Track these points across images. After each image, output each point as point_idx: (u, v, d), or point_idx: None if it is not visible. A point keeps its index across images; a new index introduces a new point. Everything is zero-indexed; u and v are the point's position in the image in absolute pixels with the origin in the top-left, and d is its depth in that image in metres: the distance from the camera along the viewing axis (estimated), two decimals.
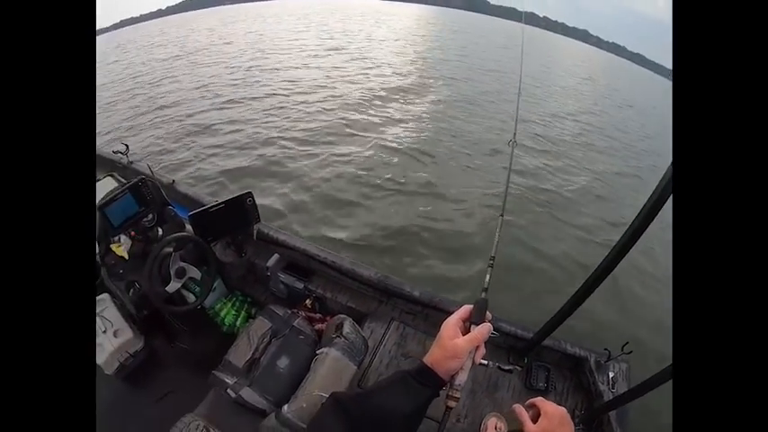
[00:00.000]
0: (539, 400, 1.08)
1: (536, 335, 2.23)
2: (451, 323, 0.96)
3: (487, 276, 1.15)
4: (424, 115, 10.38)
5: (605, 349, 2.32)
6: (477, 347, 0.94)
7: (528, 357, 2.39)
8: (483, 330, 0.94)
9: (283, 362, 2.02)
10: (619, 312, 4.77)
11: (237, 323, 2.57)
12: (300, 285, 2.57)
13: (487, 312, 1.00)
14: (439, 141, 8.64)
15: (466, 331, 0.96)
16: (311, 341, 2.15)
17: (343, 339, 1.91)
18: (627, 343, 2.17)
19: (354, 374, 1.90)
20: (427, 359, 0.92)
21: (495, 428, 2.16)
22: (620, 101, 21.63)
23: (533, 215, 6.39)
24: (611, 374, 2.29)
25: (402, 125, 9.31)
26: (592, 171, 8.99)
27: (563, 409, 1.05)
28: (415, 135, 8.80)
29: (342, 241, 4.99)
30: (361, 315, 2.50)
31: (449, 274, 4.72)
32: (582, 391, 2.38)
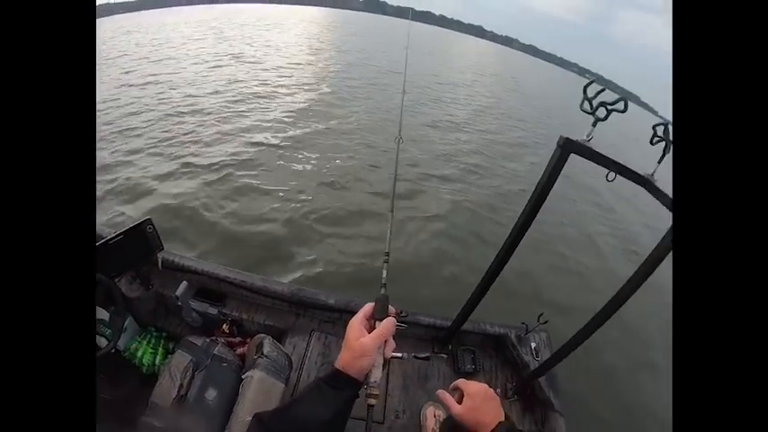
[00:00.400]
0: (461, 382, 1.14)
1: (454, 322, 2.33)
2: (356, 323, 0.96)
3: (384, 272, 1.15)
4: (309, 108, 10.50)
5: (522, 323, 2.49)
6: (386, 342, 0.95)
7: (451, 344, 2.50)
8: (387, 325, 0.94)
9: (211, 393, 1.95)
10: (531, 287, 5.16)
11: (157, 361, 2.42)
12: (214, 311, 2.48)
13: (390, 307, 1.00)
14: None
15: (371, 328, 0.96)
16: (235, 366, 2.10)
17: (265, 359, 1.89)
18: (542, 314, 2.34)
19: (284, 392, 1.87)
20: (338, 363, 0.91)
21: (434, 416, 2.19)
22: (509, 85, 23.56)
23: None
24: (533, 345, 2.45)
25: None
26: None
27: (484, 386, 1.11)
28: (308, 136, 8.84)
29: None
30: (281, 331, 2.46)
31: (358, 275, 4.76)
32: (509, 365, 2.52)
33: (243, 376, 1.88)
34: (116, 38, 20.98)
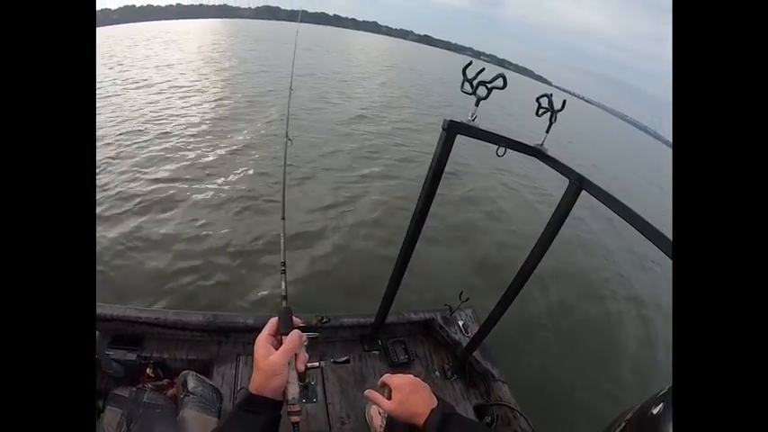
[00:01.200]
0: (386, 377, 1.13)
1: (377, 317, 2.32)
2: (261, 341, 0.94)
3: (283, 283, 1.13)
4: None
5: (445, 305, 2.54)
6: (297, 355, 0.95)
7: (380, 339, 2.48)
8: (293, 338, 0.93)
9: None
10: (446, 268, 5.29)
11: None
12: (133, 356, 2.34)
13: (295, 318, 0.99)
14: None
15: (279, 344, 0.94)
16: (169, 410, 2.02)
17: (191, 396, 1.85)
18: (462, 292, 2.42)
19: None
20: (251, 386, 0.90)
21: (380, 413, 2.18)
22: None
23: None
24: (460, 323, 2.50)
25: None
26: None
27: (409, 377, 1.10)
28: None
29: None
30: (207, 363, 2.36)
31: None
32: (442, 347, 2.55)
33: (177, 419, 1.82)
34: None
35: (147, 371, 2.31)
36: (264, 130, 9.85)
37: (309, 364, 0.98)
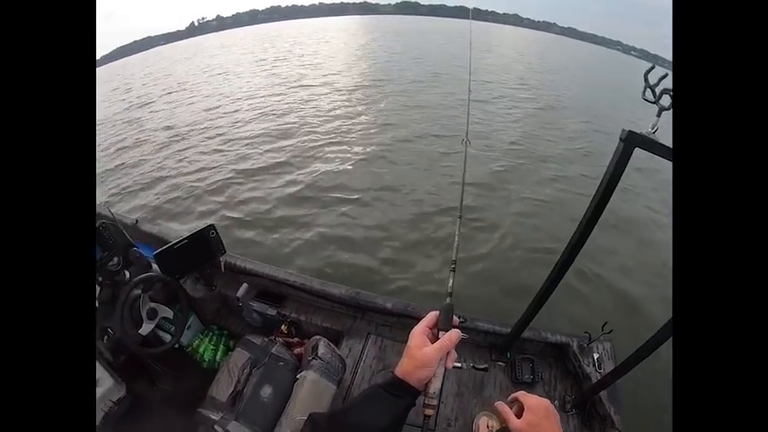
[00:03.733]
0: (521, 394, 1.07)
1: (514, 329, 2.24)
2: (418, 332, 0.95)
3: (450, 281, 1.13)
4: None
5: (585, 332, 2.35)
6: (448, 353, 0.93)
7: (510, 352, 2.40)
8: (452, 337, 0.93)
9: (266, 391, 2.01)
10: (593, 295, 4.86)
11: (217, 358, 2.54)
12: (274, 312, 2.56)
13: (454, 317, 0.99)
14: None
15: (434, 338, 0.95)
16: (291, 366, 2.14)
17: (319, 361, 1.93)
18: (606, 323, 2.22)
19: (336, 394, 1.91)
20: (398, 370, 0.91)
21: (488, 427, 2.14)
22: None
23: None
24: (595, 356, 2.31)
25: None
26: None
27: (546, 401, 1.03)
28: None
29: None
30: (338, 334, 2.49)
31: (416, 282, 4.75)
32: (569, 376, 2.39)
33: (297, 376, 1.94)
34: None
35: (282, 327, 2.52)
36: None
37: (454, 364, 0.97)
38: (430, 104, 12.36)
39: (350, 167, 7.57)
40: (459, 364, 1.03)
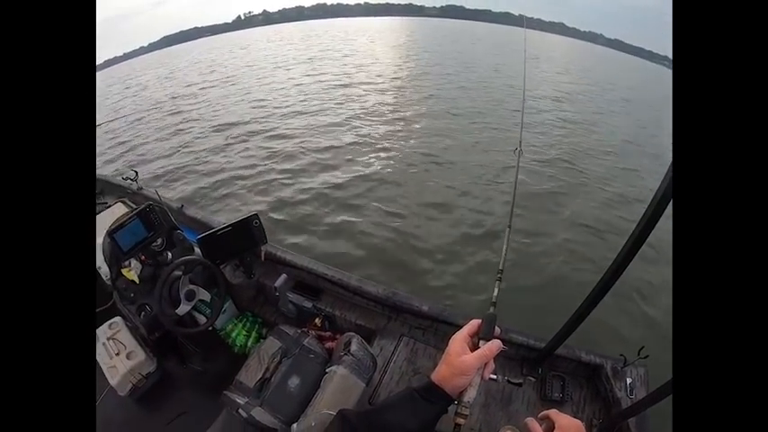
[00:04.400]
0: (553, 413, 1.05)
1: (548, 344, 2.19)
2: (459, 339, 0.94)
3: (495, 290, 1.11)
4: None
5: (621, 355, 2.27)
6: (486, 363, 0.92)
7: (542, 368, 2.34)
8: (492, 347, 0.91)
9: (294, 381, 2.02)
10: (631, 317, 4.70)
11: (249, 343, 2.58)
12: (309, 304, 2.59)
13: (496, 327, 0.97)
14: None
15: (474, 347, 0.94)
16: (321, 360, 2.15)
17: (350, 357, 1.92)
18: (642, 347, 2.13)
19: (364, 392, 1.89)
20: (434, 376, 0.90)
21: None
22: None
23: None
24: (628, 381, 2.24)
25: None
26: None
27: (578, 422, 1.01)
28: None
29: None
30: (371, 332, 2.50)
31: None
32: (599, 399, 2.32)
33: (327, 370, 1.93)
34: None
35: (316, 320, 2.55)
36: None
37: (491, 375, 0.96)
38: (480, 111, 12.37)
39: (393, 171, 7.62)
40: (495, 376, 1.00)
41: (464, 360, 0.89)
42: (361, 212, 6.12)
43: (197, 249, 2.36)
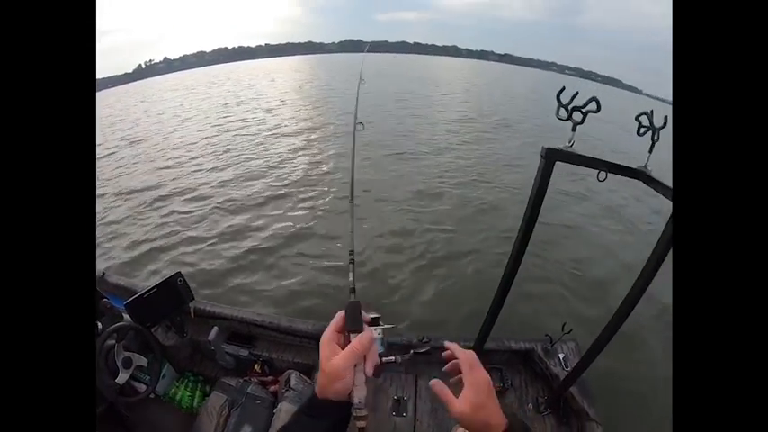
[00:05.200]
0: (463, 361, 0.94)
1: (475, 342, 2.30)
2: (326, 340, 0.83)
3: (350, 274, 1.00)
4: None
5: (546, 335, 2.48)
6: (366, 357, 0.83)
7: None
8: (362, 340, 0.81)
9: (246, 429, 2.06)
10: (543, 300, 5.08)
11: (195, 404, 2.55)
12: (246, 352, 2.63)
13: (364, 314, 0.87)
14: None
15: (347, 342, 0.83)
16: (268, 403, 2.20)
17: (292, 391, 1.99)
18: (565, 323, 2.34)
19: None
20: (316, 388, 0.82)
21: None
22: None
23: None
24: (561, 356, 2.43)
25: None
26: None
27: (486, 376, 0.91)
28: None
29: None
30: (309, 367, 2.55)
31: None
32: (539, 379, 2.50)
33: (274, 411, 1.99)
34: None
35: (256, 367, 2.57)
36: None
37: (386, 359, 0.90)
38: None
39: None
40: (393, 358, 0.94)
41: (333, 363, 0.78)
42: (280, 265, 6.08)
43: (125, 315, 2.34)
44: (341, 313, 0.87)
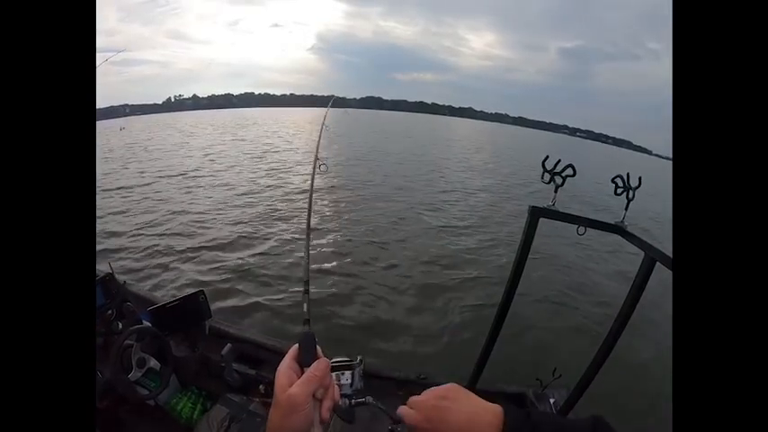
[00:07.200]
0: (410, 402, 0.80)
1: (468, 385, 2.31)
2: (283, 370, 0.75)
3: (305, 305, 0.99)
4: None
5: (537, 379, 2.51)
6: (326, 392, 0.76)
7: None
8: (319, 366, 0.75)
9: None
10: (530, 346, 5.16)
11: (194, 415, 2.60)
12: (253, 372, 2.70)
13: (318, 348, 0.79)
14: None
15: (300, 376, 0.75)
16: None
17: None
18: (555, 368, 2.37)
19: None
20: (267, 426, 0.72)
21: None
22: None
23: None
24: (551, 400, 2.45)
25: None
26: None
27: (436, 389, 0.79)
28: None
29: None
30: None
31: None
32: None
33: None
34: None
35: (260, 387, 2.63)
36: None
37: (356, 400, 0.87)
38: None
39: None
40: (363, 399, 0.91)
41: (291, 394, 0.69)
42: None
43: (145, 322, 2.45)
44: (295, 346, 0.80)
